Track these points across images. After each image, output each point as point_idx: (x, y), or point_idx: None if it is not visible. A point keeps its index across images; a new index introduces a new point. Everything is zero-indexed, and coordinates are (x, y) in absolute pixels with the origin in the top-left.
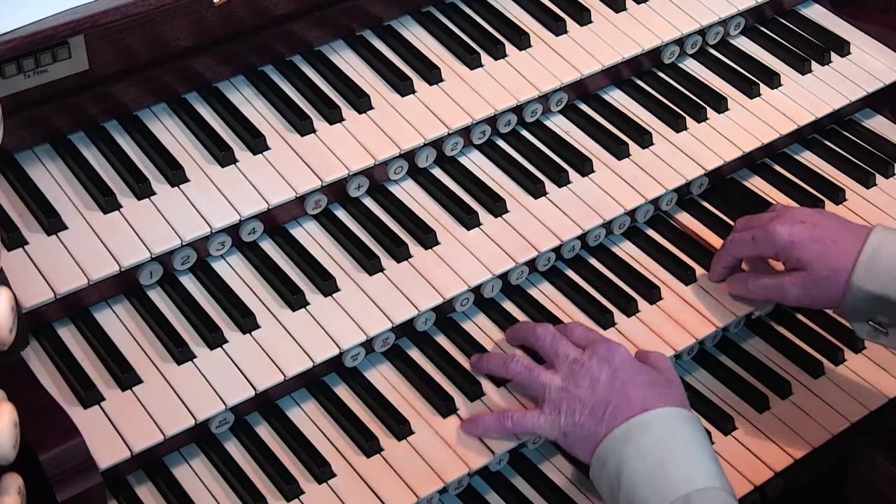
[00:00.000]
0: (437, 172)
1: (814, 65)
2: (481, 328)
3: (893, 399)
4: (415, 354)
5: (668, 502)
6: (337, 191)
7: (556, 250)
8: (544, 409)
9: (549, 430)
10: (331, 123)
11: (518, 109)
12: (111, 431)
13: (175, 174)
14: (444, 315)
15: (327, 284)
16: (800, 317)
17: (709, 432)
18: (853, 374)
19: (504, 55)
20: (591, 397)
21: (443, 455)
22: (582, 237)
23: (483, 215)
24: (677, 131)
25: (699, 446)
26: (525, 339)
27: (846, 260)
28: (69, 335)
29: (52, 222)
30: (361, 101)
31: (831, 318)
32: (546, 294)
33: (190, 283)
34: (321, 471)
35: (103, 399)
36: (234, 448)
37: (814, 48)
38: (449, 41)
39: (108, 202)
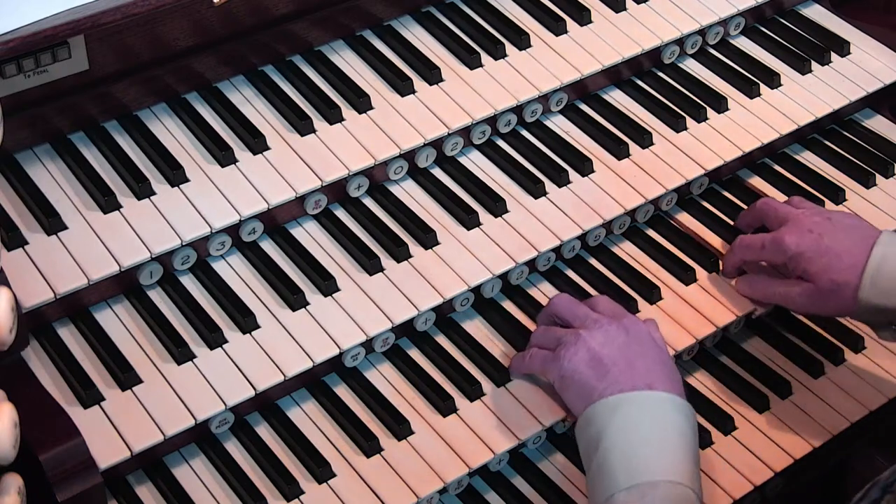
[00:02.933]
0: (437, 172)
1: (814, 65)
2: (481, 328)
3: (893, 399)
4: (415, 354)
5: (634, 482)
6: (337, 191)
7: (556, 250)
8: (557, 352)
9: (551, 370)
10: (331, 123)
11: (518, 109)
12: (111, 431)
13: (175, 174)
14: (444, 315)
15: (327, 284)
16: (800, 317)
17: (709, 432)
18: (853, 374)
19: (504, 55)
20: (600, 350)
21: (443, 455)
22: (582, 237)
23: (483, 215)
24: (677, 131)
25: (685, 441)
26: (554, 313)
27: (851, 274)
28: (69, 335)
29: (52, 222)
30: (361, 101)
31: (831, 318)
32: (546, 294)
33: (190, 283)
34: (321, 471)
35: (103, 399)
36: (234, 448)
37: (814, 48)
38: (449, 41)
39: (108, 202)
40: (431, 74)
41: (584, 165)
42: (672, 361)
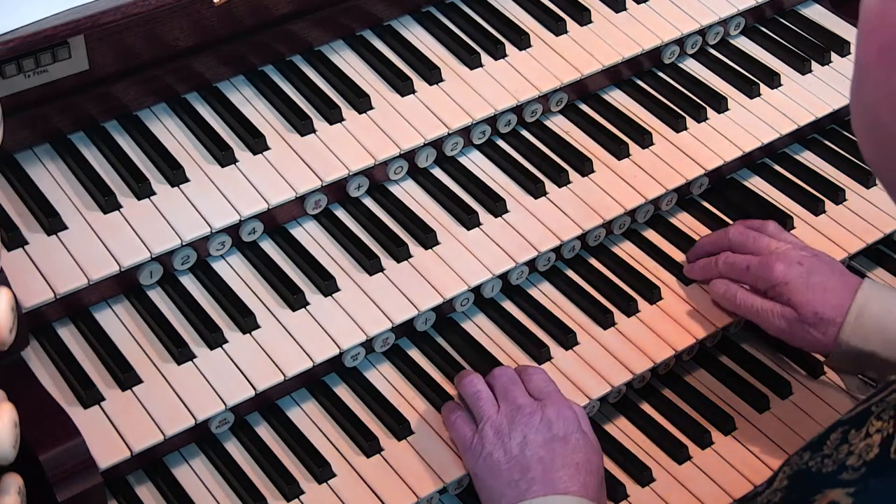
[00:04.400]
0: (437, 172)
1: (814, 65)
2: (481, 328)
3: None
4: (415, 354)
5: None
6: (337, 191)
7: (556, 250)
8: (474, 438)
9: (467, 460)
10: (331, 123)
11: (518, 109)
12: (111, 431)
13: (175, 174)
14: (444, 315)
15: (327, 284)
16: None
17: (709, 432)
18: None
19: (504, 55)
20: (516, 455)
21: (443, 455)
22: (582, 237)
23: (483, 215)
24: (677, 131)
25: None
26: (490, 381)
27: (836, 312)
28: (69, 335)
29: (52, 222)
30: (361, 101)
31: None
32: (546, 294)
33: (190, 283)
34: (321, 471)
35: (103, 399)
36: (234, 448)
37: (814, 48)
38: (449, 41)
39: (108, 202)
40: (431, 74)
41: (584, 165)
42: (595, 458)
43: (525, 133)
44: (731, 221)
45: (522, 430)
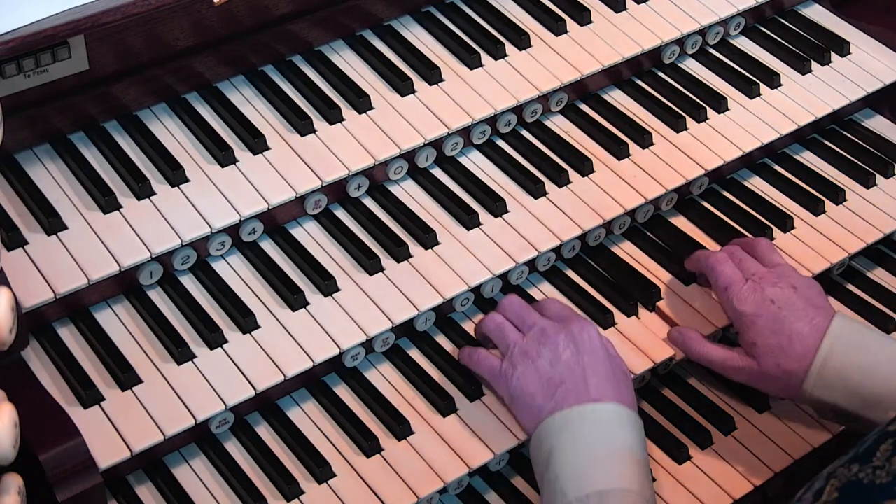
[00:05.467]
0: (437, 172)
1: (814, 65)
2: None
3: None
4: (415, 354)
5: (584, 492)
6: (337, 191)
7: (556, 250)
8: (504, 364)
9: (500, 387)
10: (331, 123)
11: (518, 109)
12: (111, 431)
13: (175, 174)
14: (444, 315)
15: (327, 284)
16: None
17: (709, 432)
18: None
19: (504, 55)
20: (547, 370)
21: (443, 455)
22: (582, 237)
23: (483, 215)
24: (677, 131)
25: (632, 451)
26: (503, 315)
27: (798, 365)
28: (69, 335)
29: (52, 222)
30: (361, 101)
31: None
32: (546, 294)
33: (190, 283)
34: (321, 471)
35: (103, 399)
36: (234, 448)
37: (814, 48)
38: (449, 41)
39: (108, 202)
40: (431, 74)
41: (584, 165)
42: (621, 368)
43: (525, 133)
44: (731, 221)
45: (550, 347)
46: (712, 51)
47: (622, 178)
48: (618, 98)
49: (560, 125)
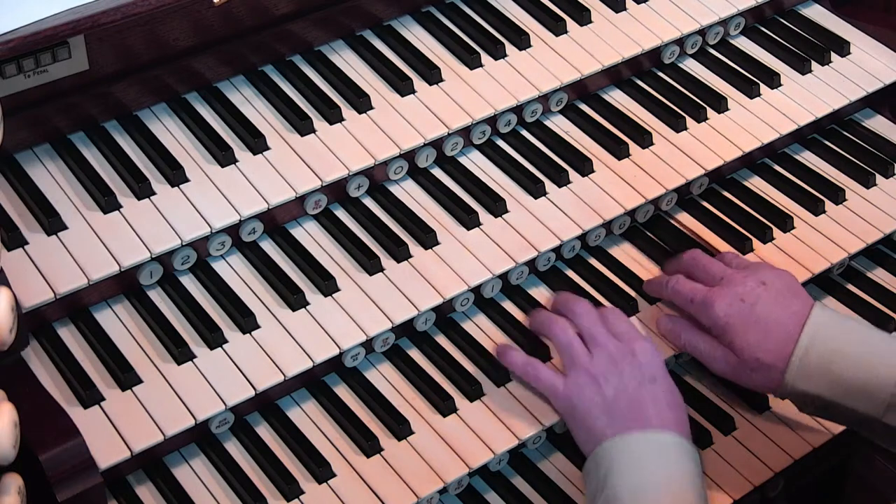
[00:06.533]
0: (437, 172)
1: (814, 65)
2: (481, 328)
3: None
4: (415, 354)
5: None
6: (337, 191)
7: (556, 250)
8: (567, 382)
9: (560, 404)
10: (331, 123)
11: (518, 109)
12: (111, 431)
13: (175, 174)
14: (444, 315)
15: (327, 284)
16: None
17: (709, 432)
18: None
19: (504, 55)
20: (613, 398)
21: (443, 455)
22: (582, 237)
23: (483, 215)
24: (677, 131)
25: (692, 480)
26: (564, 309)
27: (778, 357)
28: (69, 335)
29: (52, 222)
30: (361, 101)
31: None
32: (546, 294)
33: (190, 283)
34: (321, 471)
35: (103, 399)
36: (234, 448)
37: (814, 48)
38: (449, 41)
39: (108, 202)
40: (431, 74)
41: (584, 165)
42: (680, 398)
43: (525, 133)
44: (731, 222)
45: (617, 374)
46: (712, 51)
47: (622, 178)
48: (618, 98)
49: (560, 125)
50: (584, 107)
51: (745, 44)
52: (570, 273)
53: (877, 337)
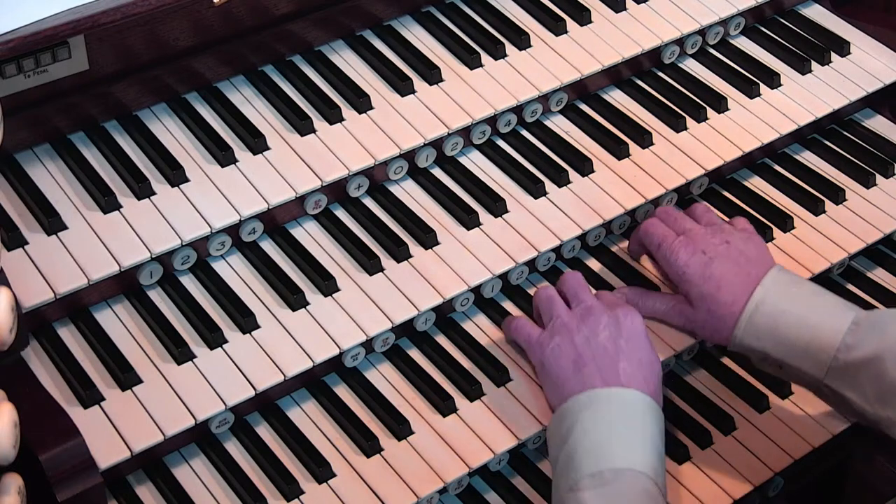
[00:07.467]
0: (437, 172)
1: (814, 65)
2: (481, 328)
3: None
4: (415, 354)
5: (599, 468)
6: (337, 191)
7: (556, 250)
8: (542, 333)
9: (534, 352)
10: (331, 123)
11: (518, 109)
12: (111, 431)
13: (175, 174)
14: (444, 315)
15: (327, 284)
16: None
17: (709, 432)
18: None
19: (504, 55)
20: (583, 346)
21: (443, 455)
22: (582, 237)
23: (483, 215)
24: (677, 131)
25: (651, 439)
26: (560, 287)
27: (727, 311)
28: (69, 335)
29: (52, 222)
30: (361, 101)
31: None
32: None
33: (190, 283)
34: (321, 471)
35: (103, 399)
36: (234, 448)
37: (814, 48)
38: (449, 41)
39: (108, 202)
40: (431, 74)
41: (584, 165)
42: (656, 364)
43: (525, 133)
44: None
45: (590, 324)
46: (712, 51)
47: (622, 178)
48: (618, 98)
49: (560, 125)
50: (584, 107)
51: (745, 44)
52: None
53: (828, 300)
